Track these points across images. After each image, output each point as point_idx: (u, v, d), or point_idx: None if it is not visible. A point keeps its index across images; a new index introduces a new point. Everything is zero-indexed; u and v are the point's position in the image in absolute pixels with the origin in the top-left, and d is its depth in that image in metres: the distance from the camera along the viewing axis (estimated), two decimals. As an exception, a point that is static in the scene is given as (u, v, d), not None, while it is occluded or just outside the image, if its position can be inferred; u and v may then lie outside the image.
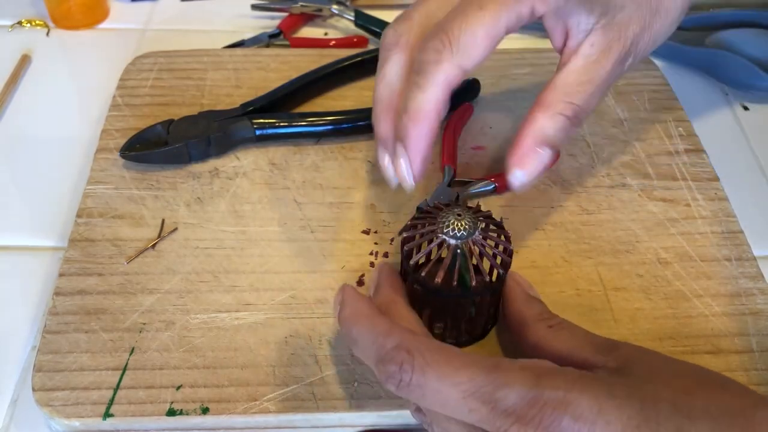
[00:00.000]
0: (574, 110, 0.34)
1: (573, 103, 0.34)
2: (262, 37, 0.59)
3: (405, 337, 0.28)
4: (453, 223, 0.33)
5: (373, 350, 0.29)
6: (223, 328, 0.37)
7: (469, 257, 0.33)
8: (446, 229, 0.33)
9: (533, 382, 0.26)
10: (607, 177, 0.46)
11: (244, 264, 0.40)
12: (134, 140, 0.45)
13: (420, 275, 0.34)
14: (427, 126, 0.34)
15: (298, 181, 0.45)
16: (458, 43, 0.33)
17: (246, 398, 0.34)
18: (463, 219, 0.34)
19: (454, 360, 0.27)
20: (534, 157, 0.34)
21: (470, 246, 0.33)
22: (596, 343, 0.31)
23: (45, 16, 0.60)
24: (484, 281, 0.34)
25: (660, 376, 0.28)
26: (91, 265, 0.40)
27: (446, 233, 0.33)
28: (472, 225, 0.34)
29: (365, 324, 0.30)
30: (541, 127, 0.34)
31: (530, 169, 0.34)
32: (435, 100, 0.33)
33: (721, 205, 0.44)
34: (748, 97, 0.56)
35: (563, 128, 0.34)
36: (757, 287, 0.40)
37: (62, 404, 0.34)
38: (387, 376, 0.28)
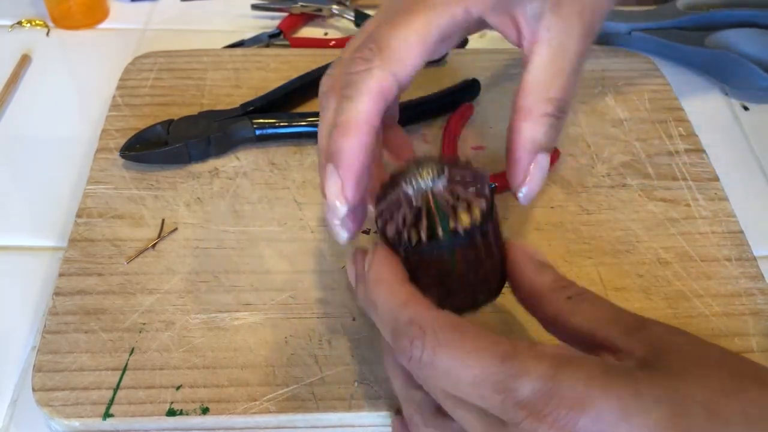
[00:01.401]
0: (555, 105, 0.32)
1: (552, 98, 0.32)
2: (262, 37, 0.59)
3: (420, 312, 0.26)
4: (414, 175, 0.29)
5: (389, 320, 0.27)
6: (223, 328, 0.37)
7: (439, 205, 0.29)
8: (408, 183, 0.29)
9: (551, 373, 0.23)
10: (607, 177, 0.46)
11: (244, 264, 0.40)
12: (134, 140, 0.45)
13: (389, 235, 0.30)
14: (359, 139, 0.30)
15: (298, 181, 0.45)
16: (388, 49, 0.31)
17: (246, 398, 0.34)
18: (424, 168, 0.29)
19: (467, 342, 0.25)
20: (534, 168, 0.32)
21: (437, 193, 0.29)
22: (622, 320, 0.27)
23: (45, 16, 0.60)
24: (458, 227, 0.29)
25: (693, 368, 0.25)
26: (90, 265, 0.40)
27: (409, 187, 0.29)
28: (437, 171, 0.29)
29: (384, 290, 0.28)
30: (530, 137, 0.32)
31: (535, 182, 0.32)
32: (366, 111, 0.30)
33: (722, 205, 0.44)
34: (748, 96, 0.56)
35: (552, 128, 0.32)
36: (757, 287, 0.40)
37: (62, 404, 0.34)
38: (399, 350, 0.26)
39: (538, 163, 0.32)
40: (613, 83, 0.53)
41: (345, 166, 0.30)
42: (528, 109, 0.32)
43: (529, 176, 0.32)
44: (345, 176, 0.30)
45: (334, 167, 0.31)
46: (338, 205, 0.31)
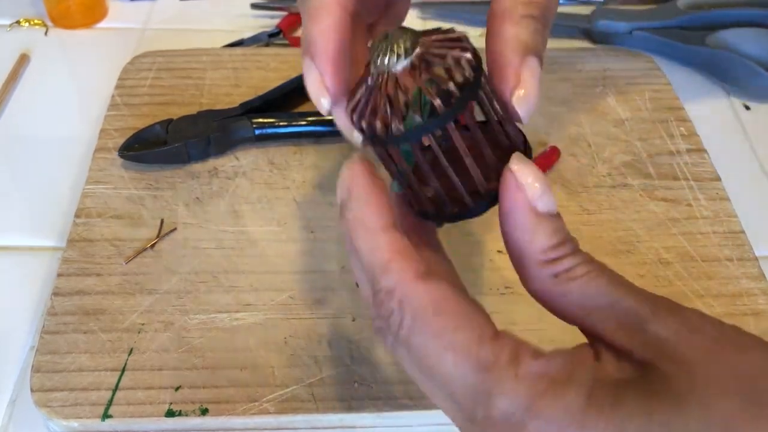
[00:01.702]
0: (538, 8, 0.28)
1: (534, 1, 0.28)
2: (262, 37, 0.59)
3: (402, 281, 0.23)
4: (382, 52, 0.25)
5: (369, 277, 0.24)
6: (222, 329, 0.37)
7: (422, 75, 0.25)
8: (374, 63, 0.25)
9: (526, 403, 0.21)
10: (608, 177, 0.46)
11: (243, 264, 0.40)
12: (133, 140, 0.45)
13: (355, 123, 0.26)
14: (329, 21, 0.28)
15: (297, 180, 0.45)
16: None
17: (245, 399, 0.34)
18: (393, 42, 0.25)
19: (447, 334, 0.22)
20: (527, 72, 0.27)
21: (398, 72, 0.25)
22: (621, 317, 0.23)
23: (44, 15, 0.60)
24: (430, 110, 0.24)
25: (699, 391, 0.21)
26: (89, 266, 0.40)
27: (379, 68, 0.25)
28: (409, 44, 0.25)
29: (365, 239, 0.24)
30: (515, 36, 0.28)
31: (530, 87, 0.27)
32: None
33: (723, 205, 0.44)
34: (750, 96, 0.56)
35: (536, 30, 0.28)
36: (758, 287, 0.40)
37: (61, 405, 0.34)
38: (375, 313, 0.24)
39: (529, 65, 0.27)
40: (614, 83, 0.53)
41: (319, 53, 0.28)
42: (508, 11, 0.28)
43: (522, 84, 0.27)
44: (321, 65, 0.28)
45: (310, 59, 0.28)
46: (323, 101, 0.28)
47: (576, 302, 0.24)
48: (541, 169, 0.45)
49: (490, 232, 0.42)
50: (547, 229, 0.24)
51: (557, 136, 0.48)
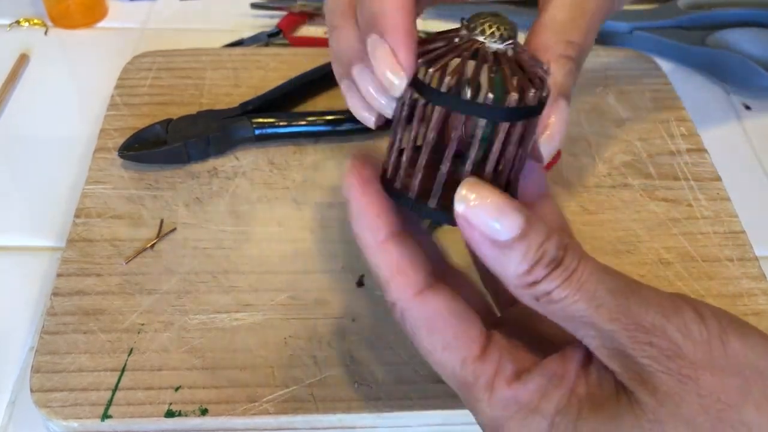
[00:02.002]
0: (575, 49, 0.28)
1: (572, 42, 0.28)
2: (262, 36, 0.59)
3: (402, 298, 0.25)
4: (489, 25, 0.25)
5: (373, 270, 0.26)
6: (222, 329, 0.37)
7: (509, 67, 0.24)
8: (488, 31, 0.24)
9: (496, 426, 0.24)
10: (608, 177, 0.46)
11: (243, 264, 0.40)
12: (133, 140, 0.45)
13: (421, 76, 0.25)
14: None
15: (297, 181, 0.45)
16: None
17: (245, 399, 0.34)
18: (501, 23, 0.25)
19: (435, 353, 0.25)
20: (557, 113, 0.27)
21: (512, 53, 0.24)
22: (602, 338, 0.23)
23: (43, 15, 0.60)
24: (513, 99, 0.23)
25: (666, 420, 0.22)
26: (89, 266, 0.39)
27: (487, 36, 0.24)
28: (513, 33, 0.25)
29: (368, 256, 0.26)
30: (553, 78, 0.27)
31: (557, 128, 0.27)
32: None
33: (723, 205, 0.44)
34: (750, 96, 0.56)
35: (570, 72, 0.28)
36: (759, 288, 0.40)
37: (60, 405, 0.34)
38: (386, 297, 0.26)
39: (558, 107, 0.27)
40: (615, 82, 0.52)
41: (391, 27, 0.25)
42: (545, 48, 0.28)
43: (550, 126, 0.27)
44: (395, 40, 0.25)
45: (377, 37, 0.26)
46: (395, 78, 0.25)
47: (562, 320, 0.24)
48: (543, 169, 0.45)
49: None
50: (515, 256, 0.23)
51: (557, 136, 0.48)
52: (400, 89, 0.26)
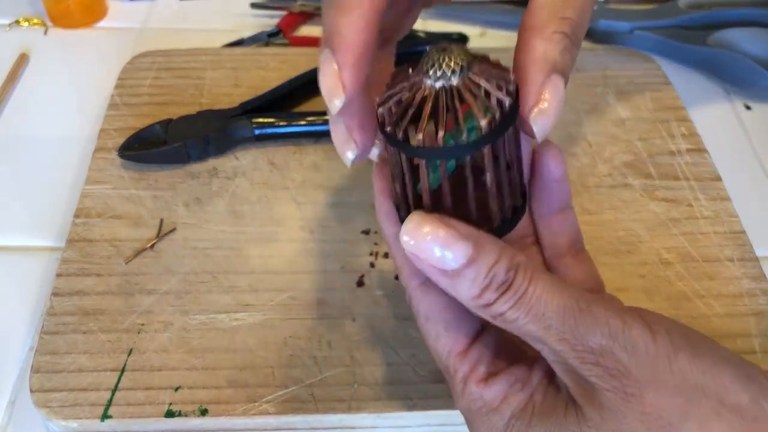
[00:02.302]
0: (570, 26, 0.28)
1: (566, 18, 0.28)
2: (262, 36, 0.59)
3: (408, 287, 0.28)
4: (438, 61, 0.25)
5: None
6: (221, 329, 0.37)
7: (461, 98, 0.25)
8: (430, 70, 0.25)
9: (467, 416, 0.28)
10: (608, 177, 0.46)
11: (243, 264, 0.40)
12: (132, 140, 0.45)
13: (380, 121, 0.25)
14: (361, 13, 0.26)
15: (297, 181, 0.45)
16: None
17: (245, 400, 0.34)
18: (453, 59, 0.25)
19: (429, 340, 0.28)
20: (549, 90, 0.27)
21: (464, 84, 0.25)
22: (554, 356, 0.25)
23: (43, 14, 0.60)
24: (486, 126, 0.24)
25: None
26: (89, 266, 0.39)
27: (430, 75, 0.25)
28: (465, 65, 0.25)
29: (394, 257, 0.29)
30: (543, 53, 0.27)
31: (551, 105, 0.27)
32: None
33: (724, 205, 0.44)
34: (751, 96, 0.56)
35: (566, 49, 0.28)
36: (759, 288, 0.40)
37: (60, 405, 0.34)
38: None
39: (553, 83, 0.27)
40: (615, 82, 0.52)
41: (343, 45, 0.25)
42: (540, 27, 0.28)
43: (542, 101, 0.27)
44: (342, 59, 0.25)
45: (329, 51, 0.26)
46: (334, 97, 0.25)
47: (521, 335, 0.25)
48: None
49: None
50: (465, 282, 0.25)
51: (557, 136, 0.48)
52: (338, 108, 0.26)
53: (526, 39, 0.28)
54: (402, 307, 0.38)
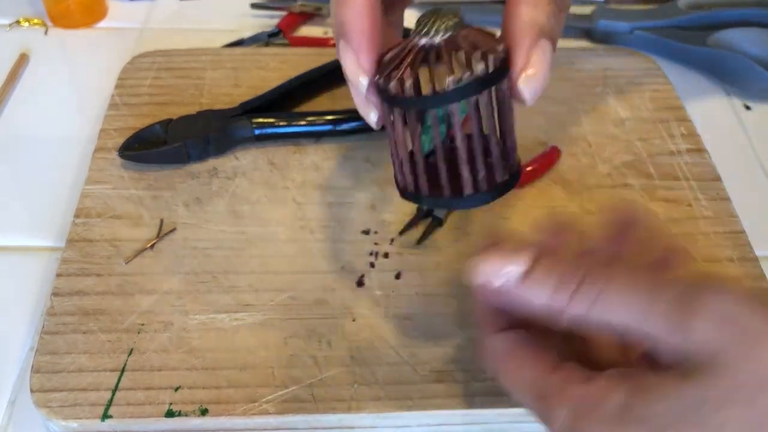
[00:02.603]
0: None
1: None
2: (262, 36, 0.59)
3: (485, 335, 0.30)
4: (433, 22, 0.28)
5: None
6: (222, 329, 0.37)
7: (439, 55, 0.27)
8: (426, 29, 0.28)
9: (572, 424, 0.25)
10: (608, 177, 0.46)
11: (243, 264, 0.40)
12: (133, 140, 0.45)
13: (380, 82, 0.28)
14: (361, 3, 0.29)
15: (297, 181, 0.45)
16: None
17: (245, 399, 0.34)
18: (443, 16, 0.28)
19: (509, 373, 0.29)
20: (537, 54, 0.28)
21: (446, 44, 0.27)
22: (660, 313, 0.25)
23: (43, 15, 0.60)
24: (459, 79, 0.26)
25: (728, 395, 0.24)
26: (89, 266, 0.39)
27: (417, 34, 0.28)
28: (456, 23, 0.28)
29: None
30: (530, 18, 0.28)
31: (539, 69, 0.28)
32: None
33: (724, 205, 0.44)
34: (750, 96, 0.56)
35: (552, 14, 0.29)
36: (759, 288, 0.40)
37: (60, 405, 0.34)
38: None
39: (540, 47, 0.29)
40: (615, 82, 0.52)
41: (353, 35, 0.29)
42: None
43: (531, 64, 0.28)
44: (357, 47, 0.29)
45: (344, 42, 0.30)
46: (360, 80, 0.30)
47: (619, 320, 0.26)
48: (541, 169, 0.45)
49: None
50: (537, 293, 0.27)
51: (557, 136, 0.48)
52: (365, 88, 0.30)
53: (514, 5, 0.29)
54: (402, 307, 0.38)
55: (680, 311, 0.24)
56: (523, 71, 0.28)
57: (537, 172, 0.45)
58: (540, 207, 0.44)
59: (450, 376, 0.35)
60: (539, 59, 0.29)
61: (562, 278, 0.27)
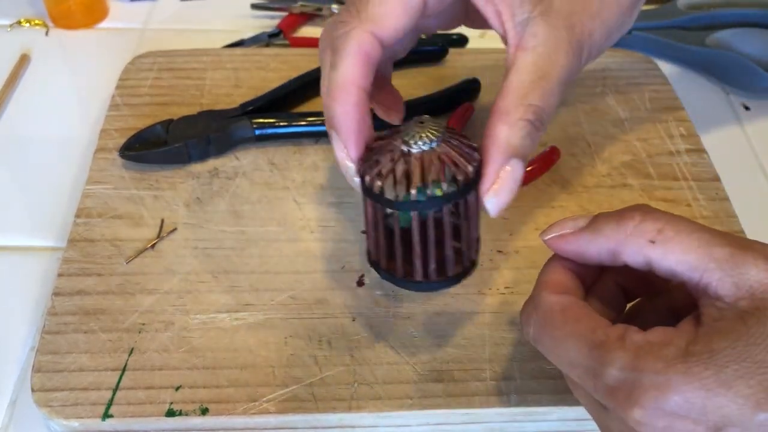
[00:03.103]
0: (534, 112, 0.31)
1: (532, 105, 0.31)
2: (262, 37, 0.59)
3: (540, 294, 0.29)
4: (416, 133, 0.30)
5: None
6: (222, 329, 0.37)
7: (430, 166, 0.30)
8: (407, 138, 0.30)
9: (633, 364, 0.25)
10: (608, 177, 0.46)
11: (243, 264, 0.40)
12: (133, 140, 0.45)
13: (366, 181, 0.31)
14: (350, 102, 0.31)
15: (297, 181, 0.45)
16: (365, 10, 0.31)
17: (245, 399, 0.34)
18: (426, 128, 0.30)
19: (568, 325, 0.28)
20: (506, 174, 0.31)
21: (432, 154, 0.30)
22: (719, 258, 0.26)
23: (44, 15, 0.60)
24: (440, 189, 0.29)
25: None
26: (90, 266, 0.40)
27: (407, 142, 0.30)
28: (438, 134, 0.30)
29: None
30: (505, 139, 0.31)
31: (505, 189, 0.31)
32: (351, 74, 0.31)
33: (723, 205, 0.44)
34: (749, 96, 0.56)
35: (528, 134, 0.31)
36: None
37: (61, 405, 0.34)
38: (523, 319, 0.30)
39: (511, 168, 0.31)
40: (614, 83, 0.53)
41: (342, 129, 0.32)
42: (505, 112, 0.31)
43: (498, 182, 0.31)
44: (345, 139, 0.32)
45: (335, 133, 0.32)
46: (348, 165, 0.32)
47: (679, 257, 0.27)
48: (541, 169, 0.45)
49: (490, 233, 0.42)
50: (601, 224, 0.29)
51: (557, 136, 0.48)
52: (353, 172, 0.32)
53: (493, 122, 0.31)
54: (402, 307, 0.38)
55: (736, 254, 0.26)
56: (491, 189, 0.31)
57: (537, 172, 0.45)
58: (540, 207, 0.44)
59: (450, 376, 0.35)
60: (507, 177, 0.31)
61: (623, 216, 0.28)
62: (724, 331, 0.25)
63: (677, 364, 0.24)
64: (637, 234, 0.28)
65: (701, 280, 0.26)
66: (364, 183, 0.31)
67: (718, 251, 0.26)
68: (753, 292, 0.26)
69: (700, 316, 0.27)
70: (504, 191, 0.31)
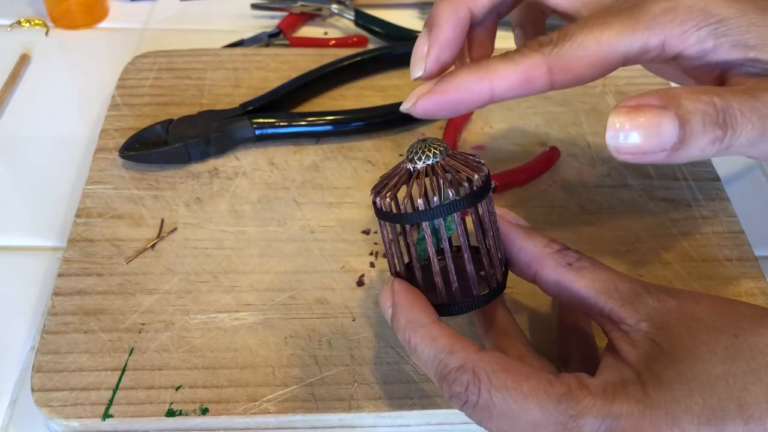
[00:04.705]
0: (725, 118, 0.26)
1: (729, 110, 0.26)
2: (262, 37, 0.59)
3: (469, 357, 0.27)
4: (419, 150, 0.30)
5: (434, 366, 0.28)
6: (222, 329, 0.37)
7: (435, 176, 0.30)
8: (411, 156, 0.31)
9: (605, 411, 0.25)
10: (607, 177, 0.46)
11: (243, 264, 0.40)
12: (133, 140, 0.45)
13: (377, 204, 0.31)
14: (458, 10, 0.32)
15: (297, 181, 0.45)
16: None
17: (245, 399, 0.34)
18: (429, 145, 0.31)
19: (522, 384, 0.26)
20: (652, 113, 0.25)
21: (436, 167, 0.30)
22: (621, 290, 0.29)
23: (44, 15, 0.60)
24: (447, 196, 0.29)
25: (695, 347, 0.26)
26: (90, 266, 0.40)
27: (412, 160, 0.30)
28: (441, 149, 0.30)
29: (425, 336, 0.29)
30: (676, 94, 0.26)
31: (643, 124, 0.26)
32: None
33: (722, 204, 0.44)
34: (749, 96, 0.56)
35: (700, 115, 0.25)
36: (758, 287, 0.40)
37: (61, 405, 0.34)
38: (451, 395, 0.28)
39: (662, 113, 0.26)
40: (614, 83, 0.53)
41: (436, 33, 0.32)
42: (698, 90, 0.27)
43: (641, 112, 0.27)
44: (432, 42, 0.32)
45: (428, 32, 0.32)
46: (416, 69, 0.32)
47: (590, 284, 0.29)
48: (541, 169, 0.45)
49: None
50: (539, 234, 0.31)
51: (557, 136, 0.48)
52: (415, 78, 0.32)
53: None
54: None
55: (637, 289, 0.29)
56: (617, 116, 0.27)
57: (537, 172, 0.45)
58: (540, 207, 0.44)
59: (449, 375, 0.35)
60: (648, 120, 0.26)
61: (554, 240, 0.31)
62: (653, 356, 0.27)
63: (643, 400, 0.25)
64: (560, 255, 0.30)
65: (605, 305, 0.29)
66: (376, 206, 0.31)
67: (622, 285, 0.29)
68: (651, 316, 0.28)
69: (611, 341, 0.28)
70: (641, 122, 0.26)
